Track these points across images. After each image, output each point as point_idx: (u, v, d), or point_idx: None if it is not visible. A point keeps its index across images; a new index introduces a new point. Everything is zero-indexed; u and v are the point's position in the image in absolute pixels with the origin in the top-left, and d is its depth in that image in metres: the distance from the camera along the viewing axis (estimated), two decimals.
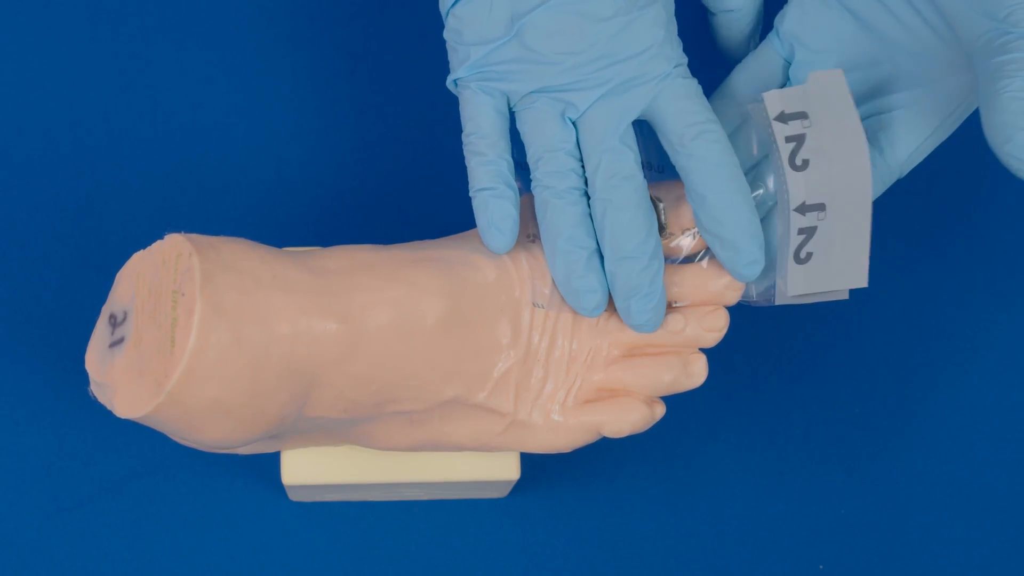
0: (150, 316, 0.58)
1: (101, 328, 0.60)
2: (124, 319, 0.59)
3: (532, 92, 0.64)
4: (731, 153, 0.63)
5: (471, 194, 0.64)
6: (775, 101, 0.64)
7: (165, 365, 0.57)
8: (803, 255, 0.64)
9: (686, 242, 0.65)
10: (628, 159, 0.63)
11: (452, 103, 0.67)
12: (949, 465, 0.80)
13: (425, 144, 0.81)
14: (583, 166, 0.64)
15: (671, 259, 0.66)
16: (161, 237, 0.60)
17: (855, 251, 0.64)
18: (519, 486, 0.75)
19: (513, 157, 0.64)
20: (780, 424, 0.80)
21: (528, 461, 0.71)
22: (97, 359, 0.60)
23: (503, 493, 0.76)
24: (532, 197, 0.65)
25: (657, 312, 0.63)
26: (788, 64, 0.68)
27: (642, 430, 0.65)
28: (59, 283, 0.78)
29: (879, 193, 0.67)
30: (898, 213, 0.81)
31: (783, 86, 0.68)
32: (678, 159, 0.63)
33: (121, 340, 0.59)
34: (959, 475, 0.79)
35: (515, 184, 0.64)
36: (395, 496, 0.76)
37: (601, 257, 0.64)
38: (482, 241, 0.64)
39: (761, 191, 0.66)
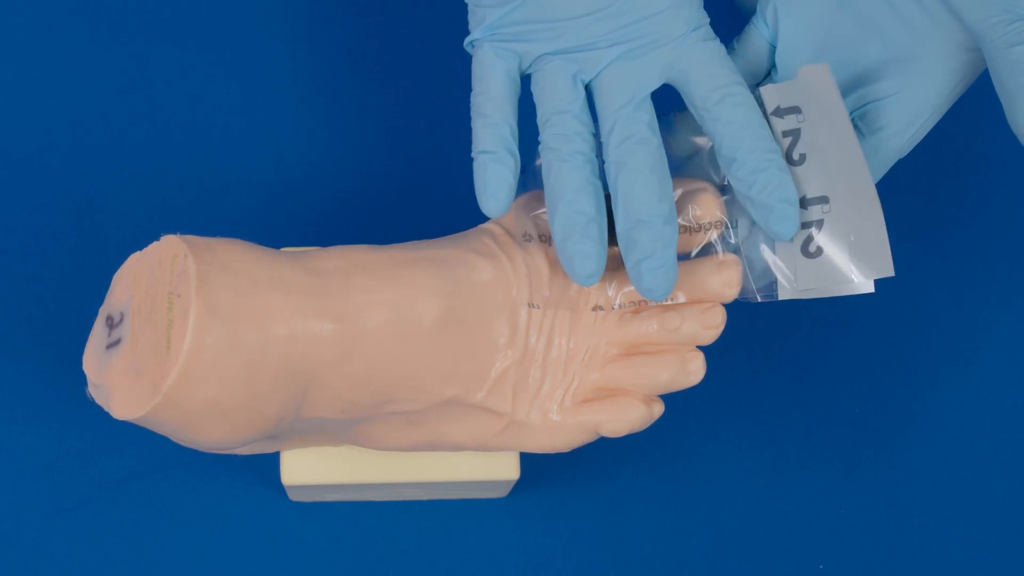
0: (146, 318, 0.58)
1: (98, 329, 0.60)
2: (121, 320, 0.59)
3: (546, 54, 0.64)
4: (758, 114, 0.63)
5: (473, 155, 0.63)
6: (771, 96, 0.64)
7: (161, 366, 0.57)
8: (812, 249, 0.63)
9: (688, 239, 0.65)
10: (642, 123, 0.63)
11: (452, 103, 0.67)
12: (949, 465, 0.79)
13: (425, 144, 0.81)
14: (594, 132, 0.64)
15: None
16: (160, 238, 0.60)
17: (873, 242, 0.63)
18: (519, 486, 0.75)
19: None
20: (780, 424, 0.80)
21: (528, 461, 0.71)
22: (94, 360, 0.60)
23: (503, 493, 0.76)
24: (531, 194, 0.65)
25: (667, 278, 0.62)
26: (773, 47, 0.67)
27: (640, 429, 0.65)
28: (59, 283, 0.78)
29: (881, 175, 0.67)
30: (898, 212, 0.81)
31: (770, 71, 0.68)
32: (705, 123, 0.63)
33: (118, 342, 0.59)
34: (959, 475, 0.79)
35: (516, 152, 0.63)
36: (395, 496, 0.76)
37: (601, 225, 0.62)
38: (478, 203, 0.63)
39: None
